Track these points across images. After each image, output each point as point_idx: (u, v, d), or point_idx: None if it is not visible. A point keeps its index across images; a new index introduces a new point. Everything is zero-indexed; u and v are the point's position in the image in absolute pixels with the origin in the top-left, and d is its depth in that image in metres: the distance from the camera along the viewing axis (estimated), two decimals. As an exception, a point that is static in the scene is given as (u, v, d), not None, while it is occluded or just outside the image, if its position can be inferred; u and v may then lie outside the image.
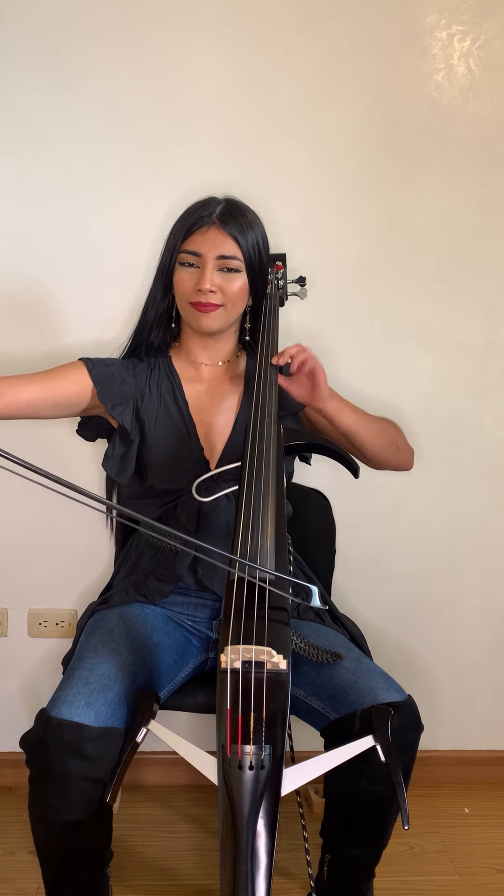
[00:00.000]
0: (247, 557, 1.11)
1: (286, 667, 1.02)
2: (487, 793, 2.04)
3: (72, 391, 1.50)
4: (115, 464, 1.52)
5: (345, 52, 1.73)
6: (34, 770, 1.25)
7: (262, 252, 1.50)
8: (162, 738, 1.15)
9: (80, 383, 1.50)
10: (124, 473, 1.52)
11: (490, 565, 1.99)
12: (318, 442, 1.39)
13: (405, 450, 1.63)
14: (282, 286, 1.61)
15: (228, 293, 1.46)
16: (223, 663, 1.01)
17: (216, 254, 1.44)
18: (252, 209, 1.51)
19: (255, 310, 1.55)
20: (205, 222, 1.44)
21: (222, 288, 1.46)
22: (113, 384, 1.51)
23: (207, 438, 1.52)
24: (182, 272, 1.47)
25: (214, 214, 1.45)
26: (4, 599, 1.93)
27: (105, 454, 1.54)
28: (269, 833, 0.97)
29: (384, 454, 1.57)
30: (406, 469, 1.64)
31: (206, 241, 1.44)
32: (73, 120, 1.71)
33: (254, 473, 1.22)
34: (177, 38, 1.70)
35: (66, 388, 1.49)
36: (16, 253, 1.76)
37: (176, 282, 1.48)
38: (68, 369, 1.52)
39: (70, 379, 1.50)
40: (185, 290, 1.47)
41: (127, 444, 1.51)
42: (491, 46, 1.75)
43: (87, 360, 1.53)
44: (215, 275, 1.45)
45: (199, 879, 1.71)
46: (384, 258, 1.82)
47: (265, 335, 1.48)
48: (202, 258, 1.44)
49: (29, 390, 1.45)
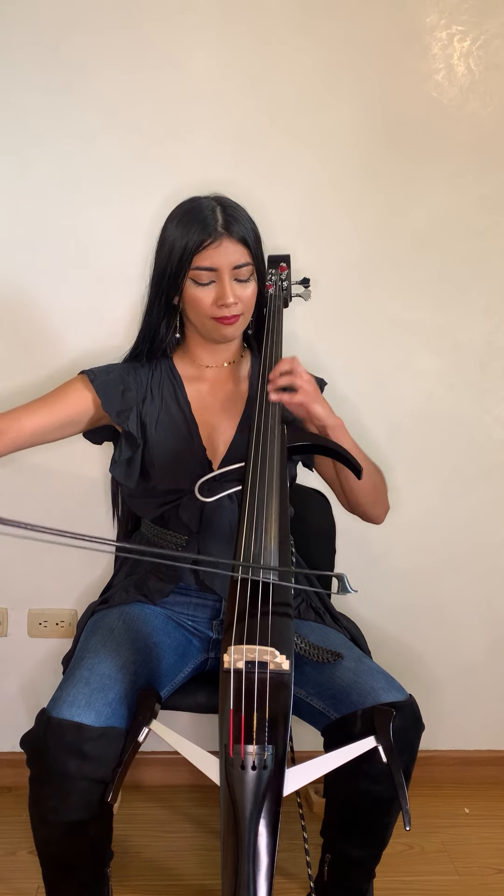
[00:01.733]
0: (250, 558, 1.11)
1: (289, 667, 1.02)
2: (487, 793, 2.04)
3: (76, 410, 1.50)
4: (122, 468, 1.51)
5: (345, 51, 1.73)
6: (35, 770, 1.25)
7: (260, 245, 1.48)
8: (163, 737, 1.15)
9: (82, 400, 1.50)
10: (132, 477, 1.51)
11: (490, 565, 1.99)
12: (321, 443, 1.39)
13: (383, 502, 1.58)
14: (286, 287, 1.60)
15: (246, 300, 1.44)
16: (226, 663, 1.01)
17: (232, 265, 1.40)
18: (239, 204, 1.46)
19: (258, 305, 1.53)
20: (214, 236, 1.39)
21: (240, 297, 1.43)
22: (116, 392, 1.50)
23: (210, 439, 1.52)
24: (198, 291, 1.42)
25: (220, 224, 1.40)
26: (4, 599, 1.93)
27: (112, 458, 1.54)
28: (270, 833, 0.97)
29: (364, 497, 1.53)
30: (375, 522, 1.59)
31: (220, 254, 1.39)
32: (74, 119, 1.71)
33: (257, 474, 1.22)
34: (177, 36, 1.70)
35: (68, 407, 1.49)
36: (16, 253, 1.76)
37: (191, 299, 1.43)
38: (69, 388, 1.52)
39: (72, 398, 1.50)
40: (204, 307, 1.43)
41: (133, 448, 1.50)
42: (491, 46, 1.76)
43: (88, 373, 1.52)
44: (234, 286, 1.42)
45: (199, 879, 1.71)
46: (384, 258, 1.82)
47: (269, 336, 1.47)
48: (218, 272, 1.40)
49: (31, 420, 1.46)
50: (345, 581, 1.10)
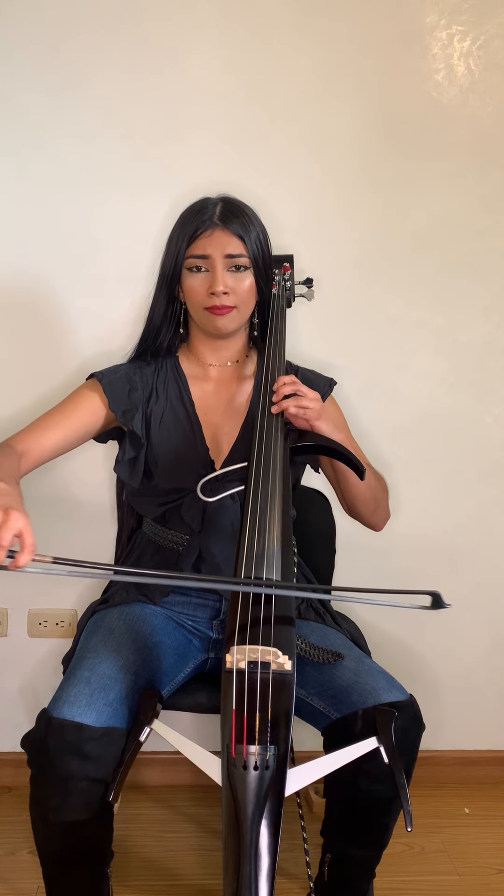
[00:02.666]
0: (253, 558, 1.11)
1: (291, 667, 1.02)
2: (488, 793, 2.04)
3: (91, 420, 1.50)
4: (126, 468, 1.52)
5: (345, 51, 1.73)
6: (36, 770, 1.25)
7: (265, 247, 1.49)
8: (165, 737, 1.15)
9: (95, 408, 1.50)
10: (136, 477, 1.51)
11: (490, 565, 1.99)
12: (324, 444, 1.39)
13: (383, 510, 1.59)
14: (289, 287, 1.61)
15: (240, 293, 1.45)
16: (229, 663, 1.01)
17: (224, 253, 1.43)
18: (248, 205, 1.49)
19: (261, 305, 1.53)
20: (207, 225, 1.43)
21: (234, 289, 1.44)
22: (123, 391, 1.50)
23: (214, 438, 1.52)
24: (192, 279, 1.45)
25: (215, 216, 1.43)
26: (4, 599, 1.93)
27: (116, 458, 1.54)
28: (272, 833, 0.98)
29: (363, 505, 1.54)
30: (375, 529, 1.60)
31: (212, 242, 1.42)
32: (74, 119, 1.71)
33: (260, 474, 1.22)
34: (177, 36, 1.70)
35: (84, 418, 1.50)
36: (16, 254, 1.76)
37: (187, 290, 1.46)
38: (82, 397, 1.52)
39: (85, 407, 1.50)
40: (197, 296, 1.45)
41: (137, 448, 1.50)
42: (491, 46, 1.76)
43: (97, 375, 1.52)
44: (226, 276, 1.43)
45: (199, 879, 1.71)
46: (384, 258, 1.82)
47: (272, 336, 1.47)
48: (210, 260, 1.43)
49: (51, 437, 1.47)
50: (440, 597, 1.11)
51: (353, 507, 1.56)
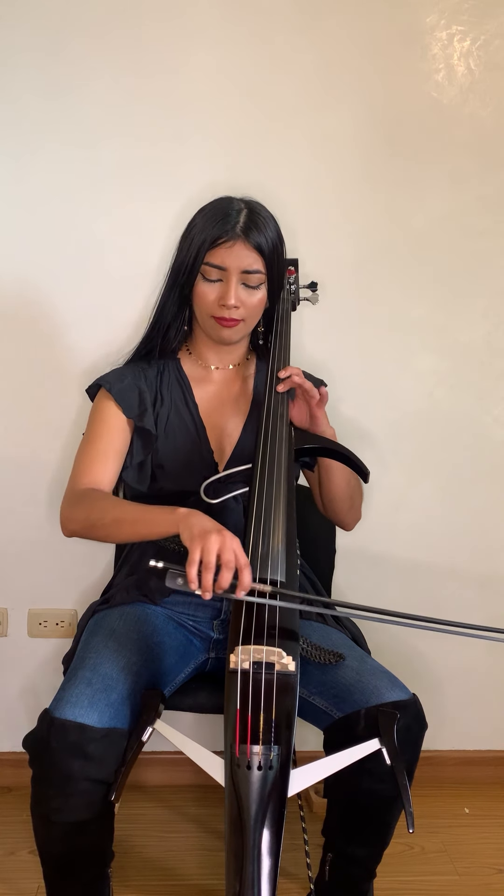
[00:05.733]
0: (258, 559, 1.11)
1: (295, 668, 1.02)
2: (488, 793, 2.04)
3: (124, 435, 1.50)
4: (134, 472, 1.51)
5: (345, 51, 1.73)
6: (37, 771, 1.25)
7: (281, 258, 1.48)
8: (168, 737, 1.15)
9: (121, 424, 1.49)
10: (144, 481, 1.51)
11: (490, 565, 2.00)
12: (329, 445, 1.39)
13: (356, 510, 1.60)
14: (294, 291, 1.60)
15: (249, 307, 1.45)
16: (233, 664, 1.01)
17: (241, 268, 1.41)
18: (270, 213, 1.48)
19: (267, 312, 1.53)
20: (230, 235, 1.40)
21: (244, 302, 1.43)
22: (133, 397, 1.50)
23: (217, 440, 1.52)
24: (204, 285, 1.44)
25: (239, 226, 1.41)
26: (4, 599, 1.93)
27: (123, 464, 1.52)
28: (275, 834, 0.98)
29: (340, 504, 1.55)
30: (345, 528, 1.62)
31: (232, 255, 1.40)
32: (74, 121, 1.71)
33: (265, 475, 1.23)
34: (177, 37, 1.70)
35: (120, 438, 1.49)
36: (17, 256, 1.76)
37: (197, 294, 1.45)
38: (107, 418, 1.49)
39: (115, 425, 1.49)
40: (207, 303, 1.45)
41: (147, 450, 1.50)
42: (491, 46, 1.76)
43: (107, 387, 1.50)
44: (240, 290, 1.42)
45: (200, 879, 1.71)
46: (384, 258, 1.82)
47: (277, 340, 1.47)
48: (227, 272, 1.41)
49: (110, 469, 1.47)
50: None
51: (330, 506, 1.57)
